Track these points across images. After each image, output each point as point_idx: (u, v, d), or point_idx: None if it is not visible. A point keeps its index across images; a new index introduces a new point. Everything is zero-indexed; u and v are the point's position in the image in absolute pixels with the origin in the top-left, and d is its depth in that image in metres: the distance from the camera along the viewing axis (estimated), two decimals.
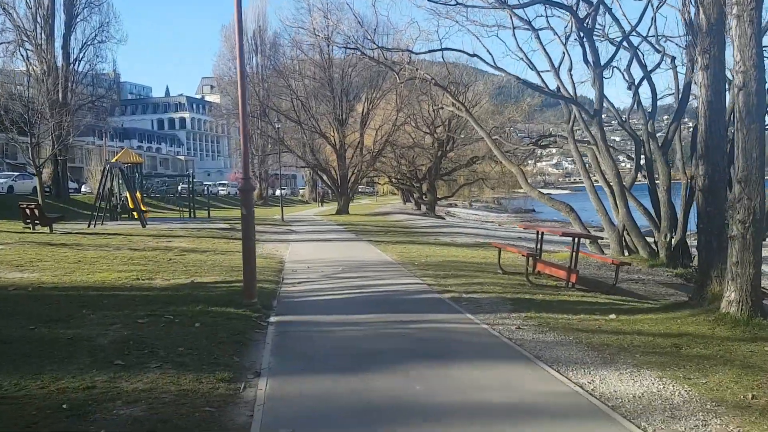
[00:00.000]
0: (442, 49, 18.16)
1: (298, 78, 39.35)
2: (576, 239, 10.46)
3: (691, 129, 16.42)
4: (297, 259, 13.52)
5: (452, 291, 9.28)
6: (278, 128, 34.54)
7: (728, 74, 9.75)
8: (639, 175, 15.93)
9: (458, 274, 11.07)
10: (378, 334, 6.56)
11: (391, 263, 12.99)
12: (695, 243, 16.85)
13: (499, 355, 5.75)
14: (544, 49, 16.73)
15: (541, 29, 17.01)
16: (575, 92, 16.78)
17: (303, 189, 79.54)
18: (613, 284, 10.31)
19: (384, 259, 13.84)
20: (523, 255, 10.74)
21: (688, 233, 14.88)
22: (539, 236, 11.77)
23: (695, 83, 10.58)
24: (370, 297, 8.94)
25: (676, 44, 17.74)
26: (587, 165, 16.86)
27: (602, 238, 14.32)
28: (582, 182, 16.77)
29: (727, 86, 9.26)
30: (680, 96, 14.72)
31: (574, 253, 10.31)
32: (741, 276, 7.01)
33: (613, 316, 7.62)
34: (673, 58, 16.49)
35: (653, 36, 16.89)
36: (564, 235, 11.26)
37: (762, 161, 7.10)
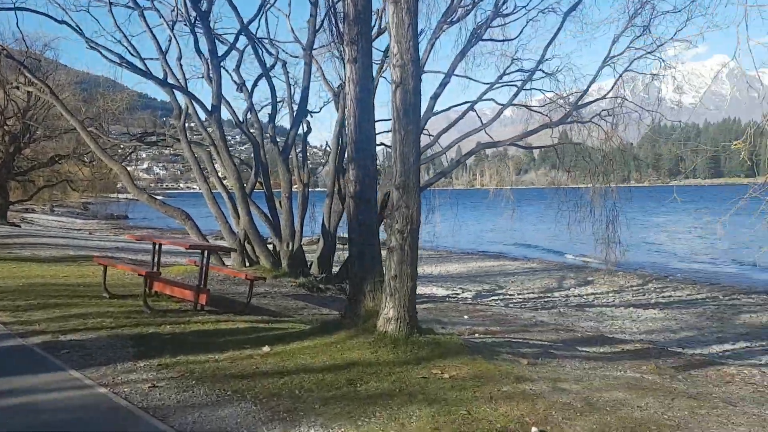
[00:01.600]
0: (16, 9, 13.90)
1: None
2: (206, 252, 8.77)
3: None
4: None
5: (43, 331, 6.60)
6: None
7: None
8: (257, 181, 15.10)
9: (49, 303, 8.20)
10: None
11: None
12: (310, 250, 17.08)
13: None
14: (152, 32, 14.48)
15: (146, 9, 14.73)
16: (186, 84, 15.04)
17: None
18: (247, 302, 9.00)
19: None
20: (141, 274, 8.50)
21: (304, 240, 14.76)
22: (157, 249, 9.66)
23: (342, 79, 10.11)
24: None
25: (285, 51, 17.73)
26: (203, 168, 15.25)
27: (235, 250, 12.91)
28: (176, 188, 15.19)
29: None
30: (300, 101, 14.42)
31: (204, 270, 8.63)
32: (399, 291, 6.44)
33: (266, 348, 6.25)
34: (285, 63, 16.27)
35: (266, 38, 16.42)
36: (192, 248, 9.39)
37: (418, 167, 6.70)
